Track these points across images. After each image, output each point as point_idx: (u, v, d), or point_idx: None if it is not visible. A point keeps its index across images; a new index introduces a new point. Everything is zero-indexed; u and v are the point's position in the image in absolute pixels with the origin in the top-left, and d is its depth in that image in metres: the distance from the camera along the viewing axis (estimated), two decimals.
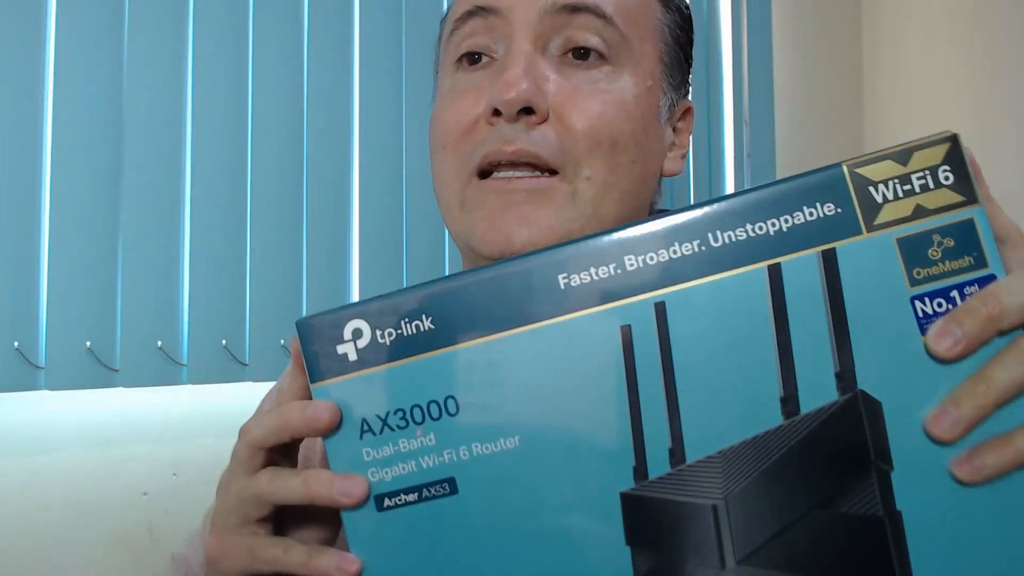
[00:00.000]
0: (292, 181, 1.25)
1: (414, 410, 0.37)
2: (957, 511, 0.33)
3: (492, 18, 0.52)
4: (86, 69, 1.10)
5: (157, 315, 1.13)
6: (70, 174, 1.08)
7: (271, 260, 1.22)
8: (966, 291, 0.34)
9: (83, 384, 1.07)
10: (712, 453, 0.35)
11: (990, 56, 1.67)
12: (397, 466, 0.37)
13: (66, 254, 1.07)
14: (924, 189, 0.35)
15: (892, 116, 1.92)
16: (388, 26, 1.34)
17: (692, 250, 0.36)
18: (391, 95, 1.34)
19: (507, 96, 0.48)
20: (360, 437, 0.38)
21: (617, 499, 0.36)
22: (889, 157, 0.35)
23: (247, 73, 1.22)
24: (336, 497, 0.37)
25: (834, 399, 0.35)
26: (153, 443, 1.14)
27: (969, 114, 1.71)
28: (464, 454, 0.37)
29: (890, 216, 0.35)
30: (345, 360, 0.38)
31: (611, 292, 0.36)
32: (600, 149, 0.50)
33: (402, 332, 0.38)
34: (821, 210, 0.35)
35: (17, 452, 1.08)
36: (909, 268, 0.35)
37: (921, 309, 0.34)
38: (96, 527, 1.11)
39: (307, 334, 0.39)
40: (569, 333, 0.36)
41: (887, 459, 0.34)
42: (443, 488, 0.37)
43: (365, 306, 0.38)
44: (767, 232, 0.36)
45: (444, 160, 0.53)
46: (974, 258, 0.34)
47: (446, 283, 0.38)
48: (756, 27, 1.76)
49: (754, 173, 1.74)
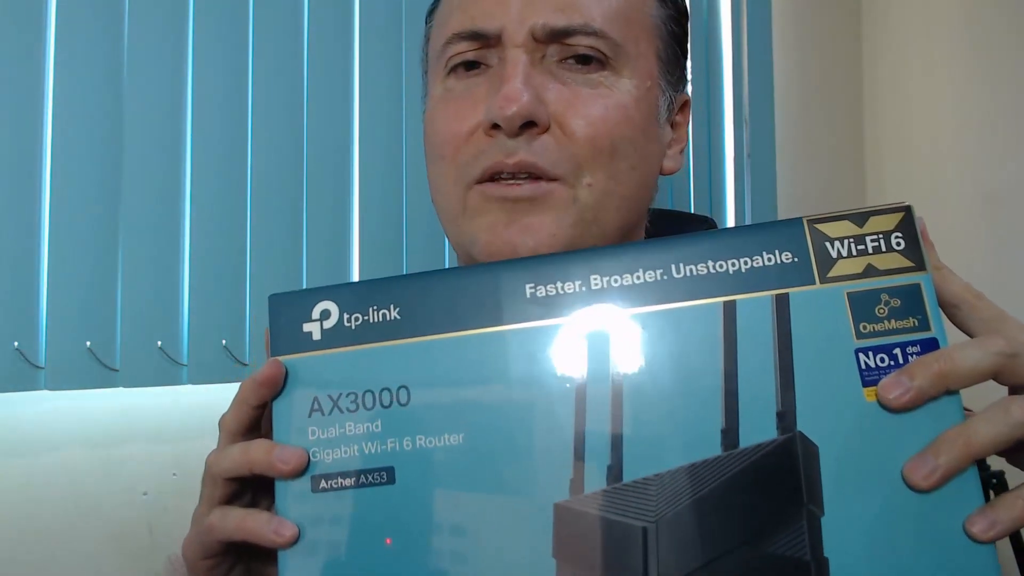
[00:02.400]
0: (292, 181, 1.25)
1: (366, 395, 0.38)
2: (884, 563, 0.34)
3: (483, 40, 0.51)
4: (86, 69, 1.10)
5: (157, 315, 1.13)
6: (70, 174, 1.08)
7: (272, 261, 1.22)
8: (908, 350, 0.36)
9: (83, 384, 1.07)
10: (649, 475, 0.36)
11: (990, 56, 1.67)
12: (340, 448, 0.38)
13: (66, 254, 1.07)
14: (876, 251, 0.37)
15: (892, 116, 1.92)
16: (388, 27, 1.34)
17: (655, 278, 0.38)
18: (391, 94, 1.34)
19: (508, 112, 0.48)
20: (309, 415, 0.38)
21: (550, 509, 0.36)
22: (847, 218, 0.38)
23: (247, 73, 1.22)
24: (274, 463, 0.37)
25: (773, 437, 0.35)
26: (153, 443, 1.14)
27: (969, 114, 1.71)
28: (407, 445, 0.37)
29: (843, 271, 0.37)
30: (308, 338, 0.39)
31: (573, 307, 0.38)
32: (601, 156, 0.50)
33: (368, 319, 0.39)
34: (779, 257, 0.37)
35: (17, 452, 1.08)
36: (856, 321, 0.36)
37: (864, 361, 0.36)
38: (96, 527, 1.11)
39: (277, 308, 0.40)
40: (528, 340, 0.37)
41: (819, 503, 0.35)
42: (380, 476, 0.37)
43: (338, 290, 0.40)
44: (727, 271, 0.37)
45: (442, 169, 0.52)
46: (918, 320, 0.36)
47: (420, 278, 0.39)
48: (756, 27, 1.76)
49: (754, 173, 1.74)
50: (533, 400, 0.37)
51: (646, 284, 0.37)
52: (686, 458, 0.36)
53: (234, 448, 0.40)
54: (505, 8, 0.50)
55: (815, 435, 0.35)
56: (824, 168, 1.91)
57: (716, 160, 1.71)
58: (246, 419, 0.40)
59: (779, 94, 1.80)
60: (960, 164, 1.72)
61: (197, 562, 0.42)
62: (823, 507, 0.34)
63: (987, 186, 1.66)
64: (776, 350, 0.36)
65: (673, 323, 0.37)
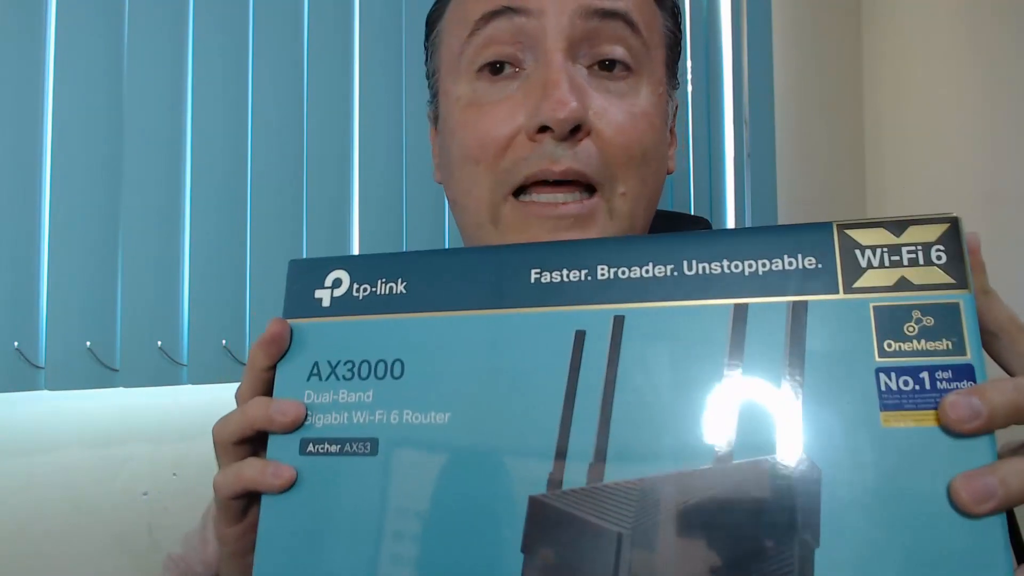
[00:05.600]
0: (292, 181, 1.25)
1: (362, 365, 0.39)
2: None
3: (520, 19, 0.50)
4: (86, 69, 1.10)
5: (157, 315, 1.13)
6: (70, 174, 1.08)
7: (271, 261, 1.22)
8: (937, 375, 0.32)
9: (83, 384, 1.07)
10: (632, 479, 0.34)
11: (990, 56, 1.67)
12: (331, 415, 0.38)
13: (66, 254, 1.07)
14: (913, 263, 0.34)
15: (892, 116, 1.92)
16: (388, 26, 1.34)
17: (664, 273, 0.36)
18: (391, 94, 1.34)
19: (560, 115, 0.47)
20: (307, 379, 0.39)
21: (524, 501, 0.35)
22: (883, 225, 0.34)
23: (247, 73, 1.22)
24: (272, 415, 0.38)
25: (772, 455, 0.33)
26: (153, 443, 1.14)
27: (969, 114, 1.71)
28: (395, 418, 0.37)
29: (872, 282, 0.34)
30: (319, 304, 0.40)
31: (576, 296, 0.37)
32: (633, 163, 0.50)
33: (376, 290, 0.39)
34: (802, 262, 0.35)
35: (17, 452, 1.08)
36: (881, 338, 0.33)
37: (885, 383, 0.32)
38: (96, 527, 1.11)
39: (294, 273, 0.41)
40: (527, 326, 0.37)
41: (814, 534, 0.31)
42: (364, 447, 0.37)
43: (351, 260, 0.40)
44: (742, 272, 0.35)
45: (475, 174, 0.51)
46: (953, 343, 0.32)
47: (431, 255, 0.39)
48: (756, 27, 1.76)
49: (754, 173, 1.74)
50: (523, 388, 0.36)
51: (655, 279, 0.36)
52: (674, 466, 0.33)
53: (235, 412, 0.40)
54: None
55: (821, 458, 0.32)
56: (824, 168, 1.91)
57: (716, 160, 1.70)
58: (259, 384, 0.41)
59: (779, 94, 1.80)
60: (960, 164, 1.72)
61: (225, 532, 0.42)
62: (819, 538, 0.31)
63: (987, 186, 1.66)
64: (787, 361, 0.33)
65: (678, 322, 0.35)
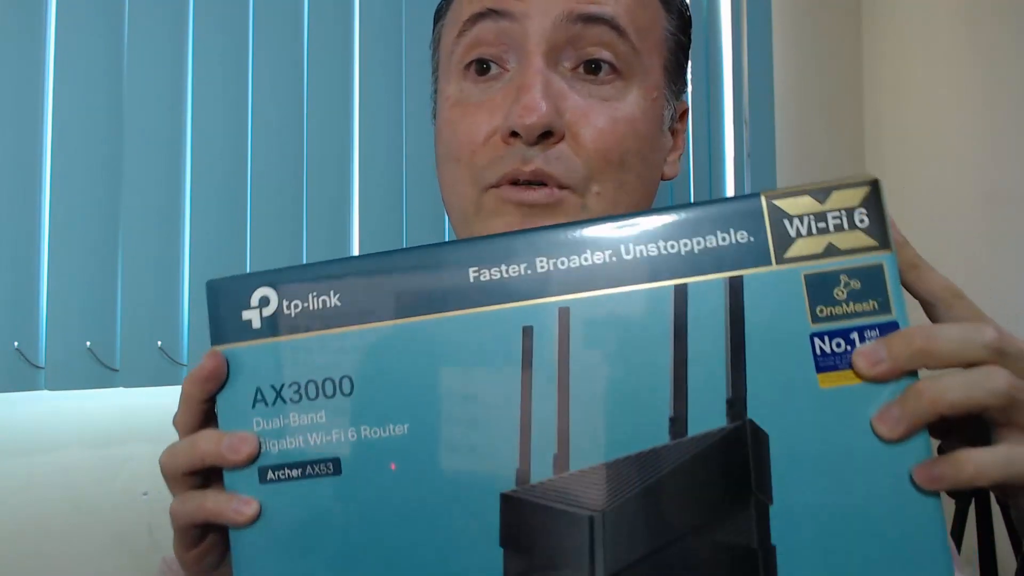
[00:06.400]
0: (292, 180, 1.25)
1: (309, 385, 0.37)
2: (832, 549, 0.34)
3: (504, 23, 0.51)
4: (86, 69, 1.10)
5: (157, 315, 1.13)
6: (70, 174, 1.08)
7: (272, 261, 1.22)
8: (867, 334, 0.34)
9: (83, 384, 1.07)
10: (596, 464, 0.35)
11: (990, 56, 1.67)
12: (285, 439, 0.37)
13: (66, 254, 1.07)
14: (838, 229, 0.35)
15: (892, 116, 1.92)
16: (388, 26, 1.34)
17: (603, 260, 0.36)
18: (391, 94, 1.34)
19: (528, 121, 0.48)
20: (252, 406, 0.38)
21: (497, 499, 0.35)
22: (808, 193, 0.35)
23: (247, 73, 1.22)
24: (224, 453, 0.37)
25: (723, 425, 0.35)
26: (153, 443, 1.14)
27: (969, 114, 1.71)
28: (352, 435, 0.37)
29: (801, 251, 0.35)
30: (248, 327, 0.38)
31: (518, 291, 0.36)
32: (610, 168, 0.51)
33: (308, 306, 0.38)
34: (734, 237, 0.35)
35: (17, 452, 1.08)
36: (813, 305, 0.34)
37: (820, 347, 0.34)
38: (96, 527, 1.11)
39: (214, 295, 0.39)
40: (472, 327, 0.36)
41: (767, 492, 0.34)
42: (327, 467, 0.37)
43: (276, 276, 0.38)
44: (678, 252, 0.36)
45: (457, 172, 0.53)
46: (878, 303, 0.34)
47: (361, 263, 0.38)
48: (756, 27, 1.76)
49: (754, 173, 1.74)
50: (477, 390, 0.36)
51: (594, 266, 0.36)
52: (633, 447, 0.35)
53: (183, 443, 0.39)
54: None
55: (766, 423, 0.34)
56: (824, 168, 1.91)
57: (716, 160, 1.71)
58: (197, 415, 0.40)
59: (779, 94, 1.80)
60: (960, 164, 1.72)
61: (184, 556, 0.42)
62: (772, 495, 0.34)
63: (987, 186, 1.66)
64: (728, 336, 0.35)
65: (622, 307, 0.36)
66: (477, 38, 0.52)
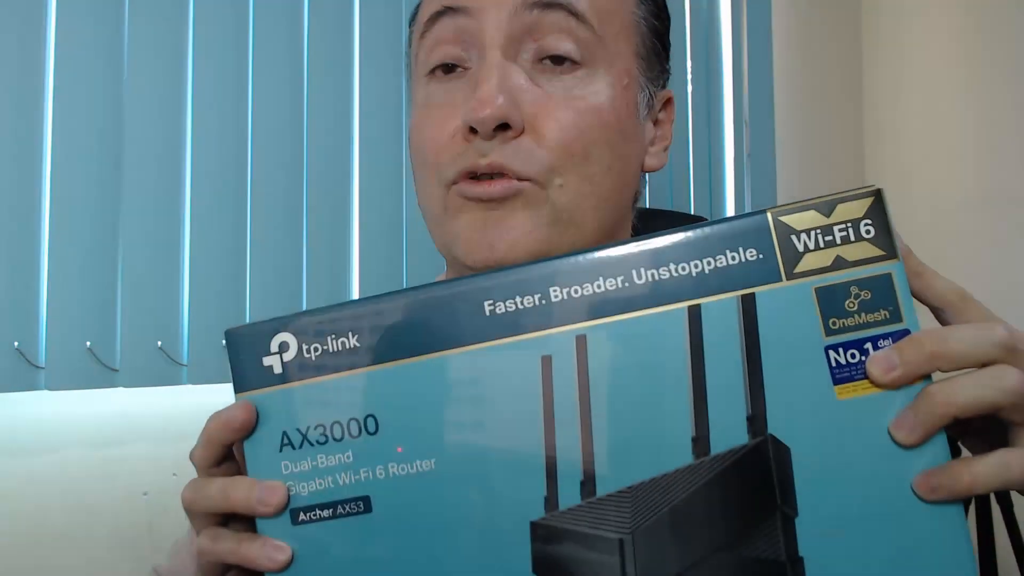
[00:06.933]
0: (292, 181, 1.25)
1: (334, 426, 0.38)
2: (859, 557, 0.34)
3: (461, 19, 0.50)
4: (86, 69, 1.10)
5: (157, 315, 1.13)
6: (70, 174, 1.08)
7: (271, 260, 1.22)
8: (879, 344, 0.35)
9: (83, 384, 1.07)
10: (622, 488, 0.36)
11: (990, 55, 1.67)
12: (314, 481, 0.38)
13: (66, 254, 1.07)
14: (845, 241, 0.35)
15: (892, 116, 1.92)
16: (388, 27, 1.34)
17: (616, 286, 0.36)
18: (391, 94, 1.34)
19: (481, 115, 0.47)
20: (280, 450, 0.38)
21: (527, 527, 0.36)
22: (813, 207, 0.36)
23: (247, 73, 1.22)
24: (254, 505, 0.37)
25: (744, 442, 0.35)
26: (153, 443, 1.14)
27: (969, 114, 1.71)
28: (380, 473, 0.37)
29: (810, 265, 0.35)
30: (270, 372, 0.38)
31: (534, 322, 0.37)
32: (573, 160, 0.49)
33: (328, 348, 0.38)
34: (743, 255, 0.36)
35: (17, 452, 1.08)
36: (825, 318, 0.35)
37: (835, 359, 0.35)
38: (96, 527, 1.11)
39: (235, 344, 0.39)
40: (491, 360, 0.37)
41: (792, 504, 0.35)
42: (357, 506, 0.37)
43: (293, 320, 0.39)
44: (689, 273, 0.36)
45: (425, 176, 0.53)
46: (889, 312, 0.35)
47: (376, 303, 0.38)
48: (756, 27, 1.76)
49: (754, 173, 1.74)
50: (501, 420, 0.37)
51: (607, 293, 0.37)
52: (658, 469, 0.35)
53: (212, 486, 0.39)
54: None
55: (786, 437, 0.35)
56: (824, 168, 1.91)
57: (716, 160, 1.71)
58: (217, 455, 0.40)
59: (779, 94, 1.80)
60: (960, 164, 1.72)
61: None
62: (797, 507, 0.34)
63: (987, 186, 1.66)
64: (744, 353, 0.35)
65: (637, 332, 0.36)
66: (437, 38, 0.52)
